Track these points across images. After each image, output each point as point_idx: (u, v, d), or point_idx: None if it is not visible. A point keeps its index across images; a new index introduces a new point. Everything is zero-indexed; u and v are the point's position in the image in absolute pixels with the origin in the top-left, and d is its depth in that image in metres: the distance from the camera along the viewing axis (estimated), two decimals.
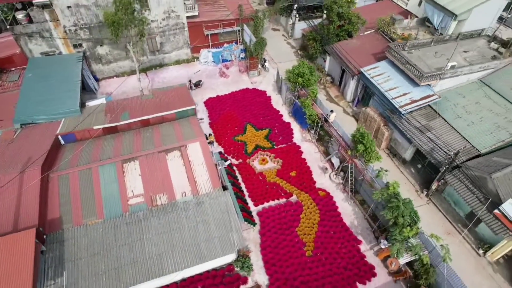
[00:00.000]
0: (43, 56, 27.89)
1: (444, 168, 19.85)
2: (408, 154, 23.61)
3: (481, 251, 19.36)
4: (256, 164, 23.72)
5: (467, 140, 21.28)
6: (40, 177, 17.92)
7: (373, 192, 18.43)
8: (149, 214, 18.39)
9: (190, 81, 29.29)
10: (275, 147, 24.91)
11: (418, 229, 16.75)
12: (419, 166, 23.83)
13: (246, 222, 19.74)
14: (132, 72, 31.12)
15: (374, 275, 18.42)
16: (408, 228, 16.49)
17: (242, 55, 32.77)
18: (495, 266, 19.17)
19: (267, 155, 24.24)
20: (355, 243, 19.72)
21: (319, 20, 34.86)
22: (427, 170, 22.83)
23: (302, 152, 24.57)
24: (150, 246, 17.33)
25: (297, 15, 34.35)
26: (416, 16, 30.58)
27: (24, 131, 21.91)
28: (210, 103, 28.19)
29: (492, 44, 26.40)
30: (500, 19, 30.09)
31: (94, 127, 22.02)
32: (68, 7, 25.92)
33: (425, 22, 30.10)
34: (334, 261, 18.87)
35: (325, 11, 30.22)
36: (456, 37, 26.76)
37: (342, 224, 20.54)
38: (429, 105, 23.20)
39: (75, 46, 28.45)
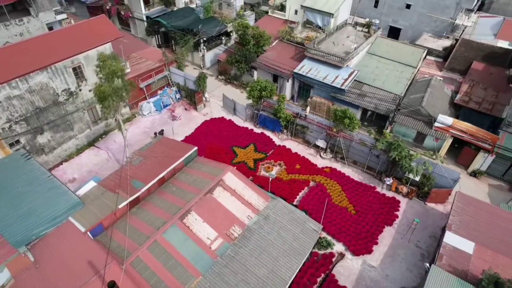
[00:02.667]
0: None
1: (393, 113, 27.93)
2: (357, 117, 31.08)
3: (434, 156, 28.30)
4: (265, 173, 26.65)
5: (390, 92, 30.17)
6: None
7: (376, 144, 24.69)
8: (236, 248, 19.34)
9: (155, 133, 29.12)
10: (268, 154, 28.32)
11: (418, 154, 23.84)
12: (366, 123, 31.73)
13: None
14: (79, 151, 28.41)
15: (399, 202, 24.76)
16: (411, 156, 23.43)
17: (178, 95, 34.15)
18: (444, 160, 28.31)
19: (268, 163, 27.44)
20: (372, 189, 25.63)
21: (221, 45, 39.64)
22: (376, 122, 30.86)
23: (290, 149, 28.86)
24: (260, 269, 18.57)
25: (204, 47, 37.85)
26: (298, 22, 38.77)
27: (37, 250, 18.44)
28: None
29: (358, 28, 36.95)
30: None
31: (120, 206, 20.49)
32: None
33: (305, 24, 38.75)
34: (371, 207, 24.25)
35: (236, 36, 34.93)
36: (337, 29, 36.18)
37: (356, 182, 26.13)
38: (354, 79, 31.21)
39: (11, 145, 24.30)
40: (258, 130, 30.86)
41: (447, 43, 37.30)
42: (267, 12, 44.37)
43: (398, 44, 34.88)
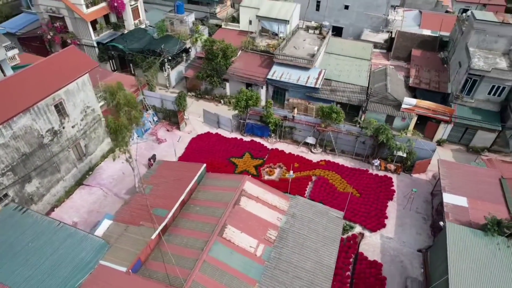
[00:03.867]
0: None
1: (366, 102, 31.39)
2: None
3: (404, 133, 32.39)
4: (269, 177, 27.87)
5: (356, 84, 33.69)
6: None
7: (366, 132, 27.66)
8: (278, 249, 20.28)
9: (150, 159, 28.28)
10: (265, 159, 29.56)
11: (403, 134, 27.39)
12: None
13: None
14: (68, 194, 26.31)
15: (391, 178, 28.05)
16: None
17: (155, 118, 33.45)
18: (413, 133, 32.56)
19: (268, 167, 28.70)
20: (366, 172, 28.58)
21: (183, 63, 39.73)
22: (349, 112, 34.04)
23: (283, 150, 30.49)
24: (306, 263, 19.80)
25: (169, 66, 37.51)
26: (255, 32, 40.62)
27: None
28: None
29: (310, 31, 40.24)
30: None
31: (153, 237, 19.92)
32: None
33: (261, 33, 40.80)
34: (371, 187, 27.09)
35: (201, 51, 35.48)
36: (292, 34, 38.93)
37: (351, 169, 28.84)
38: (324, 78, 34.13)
39: None
40: (247, 138, 31.88)
41: (385, 36, 42.71)
42: (217, 25, 45.58)
43: (349, 41, 38.98)
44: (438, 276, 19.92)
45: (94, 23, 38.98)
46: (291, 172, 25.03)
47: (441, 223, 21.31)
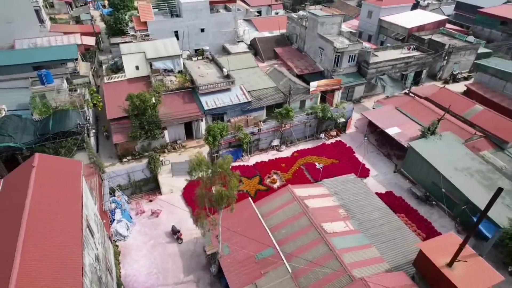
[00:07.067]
0: None
1: (289, 97, 38.65)
2: (264, 116, 39.45)
3: (339, 105, 41.96)
4: (277, 185, 31.25)
5: (268, 88, 40.16)
6: None
7: (318, 115, 34.95)
8: (355, 219, 25.35)
9: (175, 232, 25.62)
10: (258, 174, 32.24)
11: (341, 104, 36.41)
12: (272, 114, 40.66)
13: None
14: None
15: (340, 140, 37.15)
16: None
17: (125, 197, 29.02)
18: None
19: (268, 178, 31.80)
20: (324, 145, 36.50)
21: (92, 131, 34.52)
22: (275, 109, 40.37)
23: (263, 161, 33.94)
24: (374, 214, 25.92)
25: (88, 140, 31.88)
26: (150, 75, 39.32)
27: None
28: None
29: (194, 59, 42.98)
30: None
31: (290, 271, 20.71)
32: None
33: (151, 73, 40.03)
34: (335, 152, 35.23)
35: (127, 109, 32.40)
36: (184, 68, 40.67)
37: (315, 148, 35.96)
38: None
39: None
40: None
41: (243, 45, 50.47)
42: (88, 83, 40.59)
43: (232, 56, 44.40)
44: (423, 175, 30.59)
45: None
46: (317, 163, 29.62)
47: (406, 145, 31.93)
